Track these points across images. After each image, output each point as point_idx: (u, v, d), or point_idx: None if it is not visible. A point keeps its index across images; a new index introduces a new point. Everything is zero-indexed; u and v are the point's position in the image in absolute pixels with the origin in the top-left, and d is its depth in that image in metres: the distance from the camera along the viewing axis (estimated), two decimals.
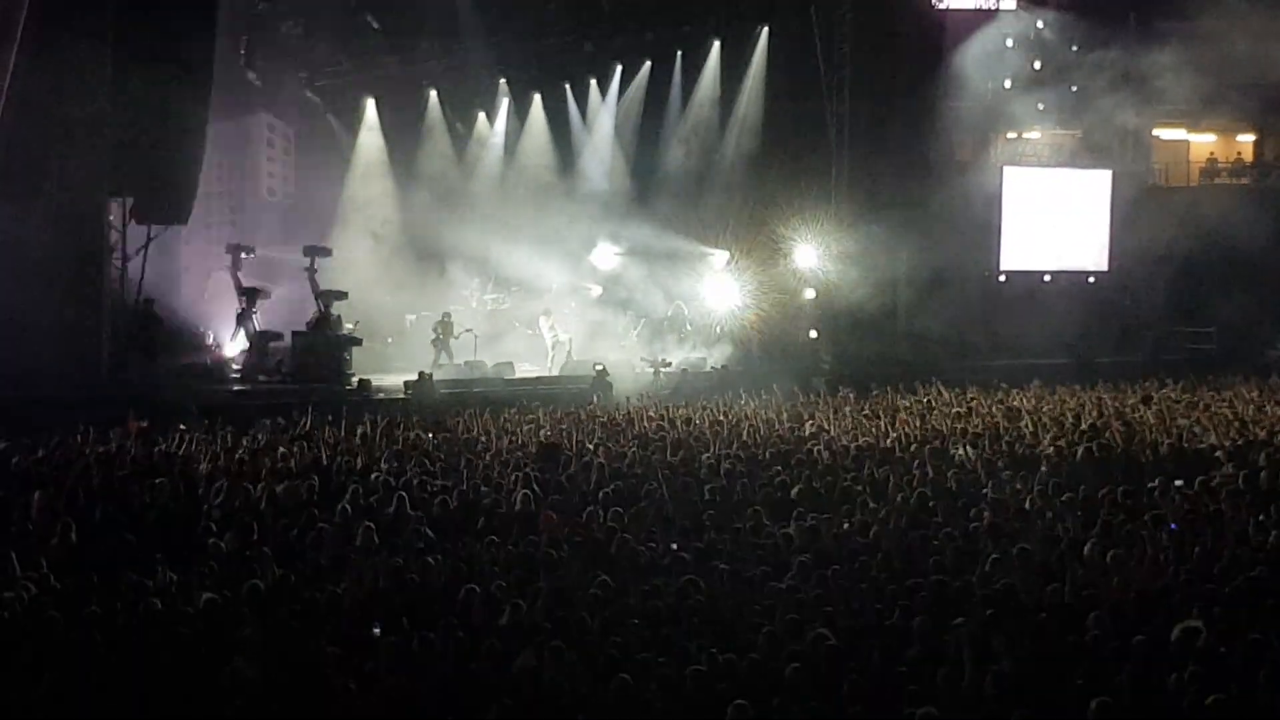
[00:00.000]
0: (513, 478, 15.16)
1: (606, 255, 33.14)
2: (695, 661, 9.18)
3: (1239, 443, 17.67)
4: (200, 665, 9.05)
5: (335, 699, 8.72)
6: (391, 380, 26.93)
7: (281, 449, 16.78)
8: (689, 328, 32.43)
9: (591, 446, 17.77)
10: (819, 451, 17.33)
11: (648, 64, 34.03)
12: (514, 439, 18.68)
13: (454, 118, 33.89)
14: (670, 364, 29.08)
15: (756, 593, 10.94)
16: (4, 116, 22.53)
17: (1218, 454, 16.75)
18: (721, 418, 20.99)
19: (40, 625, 9.64)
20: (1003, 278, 35.48)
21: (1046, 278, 35.86)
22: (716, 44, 33.86)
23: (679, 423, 20.37)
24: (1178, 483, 14.78)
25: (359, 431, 18.68)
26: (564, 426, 19.86)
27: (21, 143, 23.23)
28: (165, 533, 12.70)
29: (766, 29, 33.43)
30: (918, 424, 19.80)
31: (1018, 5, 35.21)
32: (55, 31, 23.29)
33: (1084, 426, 18.86)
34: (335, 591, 10.82)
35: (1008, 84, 35.30)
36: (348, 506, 13.55)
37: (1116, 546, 11.96)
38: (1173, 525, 12.89)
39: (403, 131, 33.14)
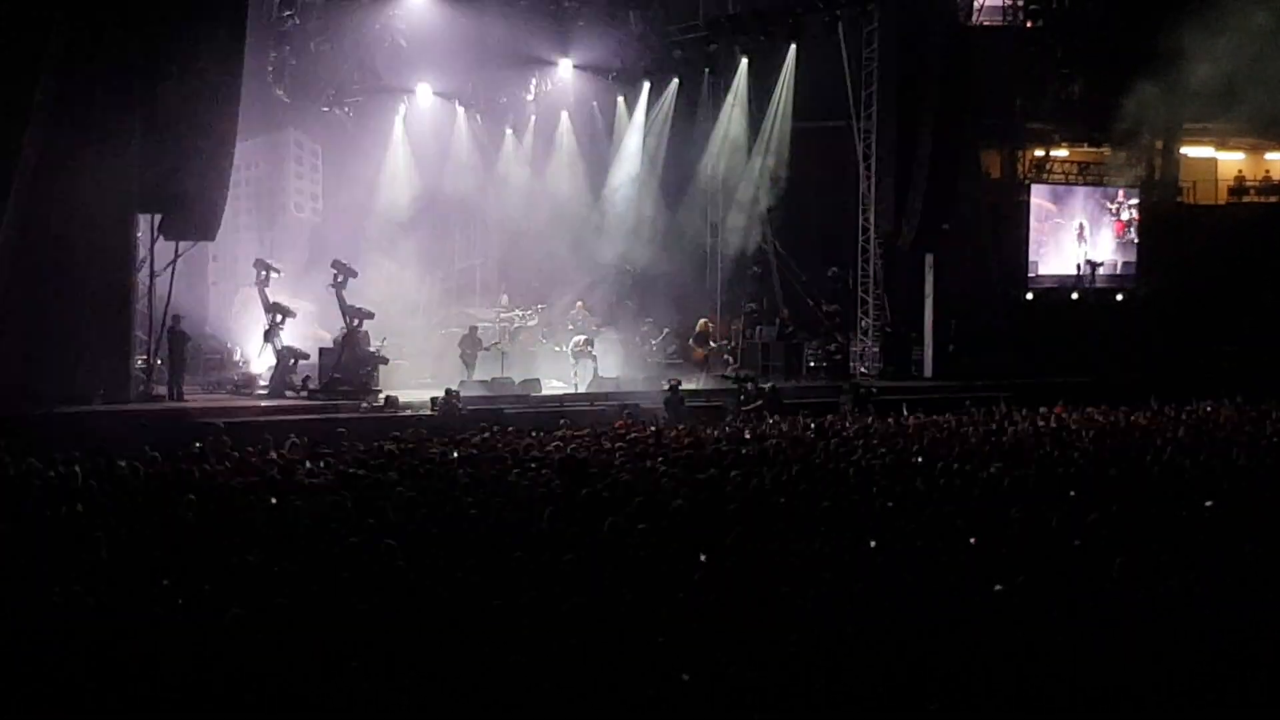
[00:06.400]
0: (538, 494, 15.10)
1: (633, 268, 33.25)
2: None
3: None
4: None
5: None
6: (418, 397, 26.95)
7: (309, 464, 16.80)
8: (712, 345, 32.45)
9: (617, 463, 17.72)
10: (845, 468, 17.26)
11: (675, 81, 34.13)
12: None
13: (482, 135, 34.00)
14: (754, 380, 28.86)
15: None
16: (32, 133, 22.59)
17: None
18: None
19: (68, 638, 9.66)
20: (1029, 295, 35.41)
21: (1074, 296, 35.77)
22: (745, 62, 33.96)
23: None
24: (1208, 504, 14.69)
25: (386, 448, 18.67)
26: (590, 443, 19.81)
27: (49, 159, 23.27)
28: (195, 548, 12.70)
29: (794, 47, 33.51)
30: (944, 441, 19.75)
31: (1045, 21, 35.20)
32: (84, 49, 23.37)
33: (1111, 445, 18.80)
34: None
35: (1035, 100, 35.29)
36: (373, 523, 13.53)
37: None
38: None
39: (430, 149, 33.23)
